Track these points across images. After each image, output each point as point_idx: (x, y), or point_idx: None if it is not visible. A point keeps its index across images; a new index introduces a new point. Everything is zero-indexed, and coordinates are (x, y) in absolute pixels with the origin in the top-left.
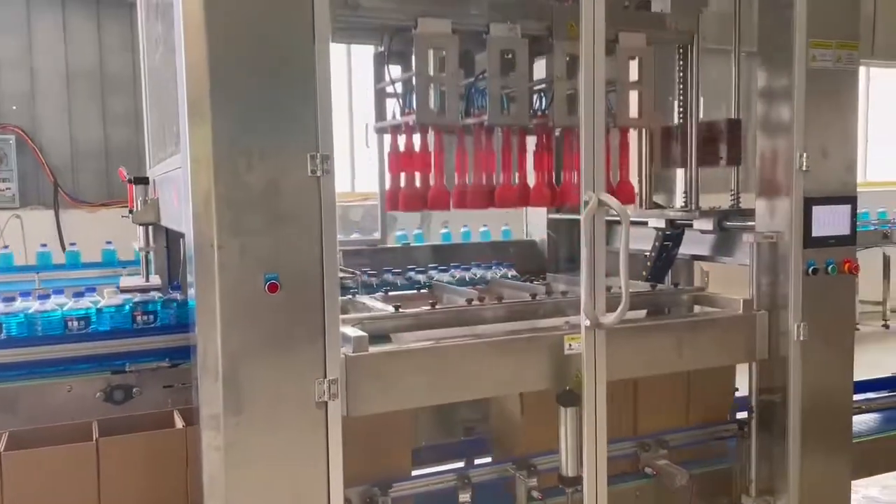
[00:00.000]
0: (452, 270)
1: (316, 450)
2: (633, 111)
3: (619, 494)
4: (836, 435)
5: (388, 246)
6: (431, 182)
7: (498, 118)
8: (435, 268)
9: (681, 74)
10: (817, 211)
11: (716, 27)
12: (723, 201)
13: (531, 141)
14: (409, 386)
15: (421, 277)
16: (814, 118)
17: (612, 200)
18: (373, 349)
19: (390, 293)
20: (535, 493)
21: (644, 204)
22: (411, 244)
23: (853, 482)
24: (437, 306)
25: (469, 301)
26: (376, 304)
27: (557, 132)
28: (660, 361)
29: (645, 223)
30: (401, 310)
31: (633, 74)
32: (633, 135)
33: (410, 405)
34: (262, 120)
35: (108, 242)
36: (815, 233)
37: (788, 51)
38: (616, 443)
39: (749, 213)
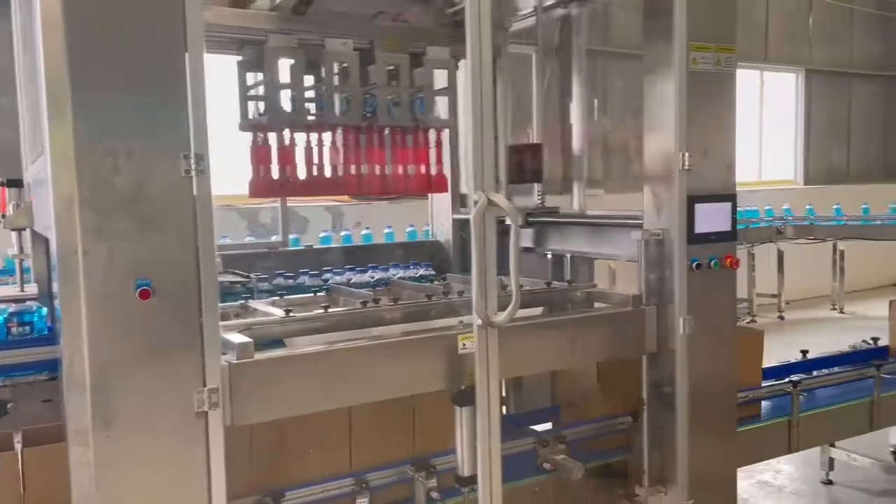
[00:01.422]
0: (351, 273)
1: (196, 462)
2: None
3: (518, 491)
4: (722, 423)
5: (293, 248)
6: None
7: (334, 118)
8: (340, 271)
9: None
10: (699, 208)
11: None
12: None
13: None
14: (298, 392)
15: (323, 279)
16: (695, 119)
17: (501, 200)
18: (259, 355)
19: (287, 297)
20: (434, 494)
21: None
22: (314, 246)
23: (748, 468)
24: (330, 309)
25: (364, 303)
26: (269, 309)
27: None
28: (552, 358)
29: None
30: (292, 314)
31: (441, 82)
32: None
33: (300, 412)
34: (129, 118)
35: None
36: (698, 229)
37: (670, 53)
38: (515, 440)
39: (553, 211)
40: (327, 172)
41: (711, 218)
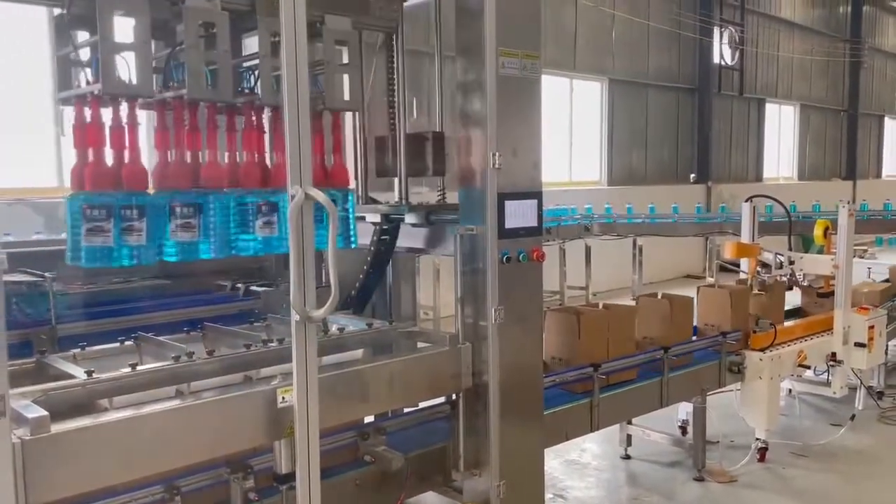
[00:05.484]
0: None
1: None
2: (344, 94)
3: (339, 485)
4: (530, 408)
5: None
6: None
7: (198, 92)
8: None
9: (391, 66)
10: (509, 205)
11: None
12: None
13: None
14: (106, 464)
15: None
16: (504, 121)
17: (318, 195)
18: (56, 427)
19: (88, 348)
20: (251, 495)
21: (360, 199)
22: None
23: (557, 449)
24: (139, 367)
25: (176, 358)
26: (68, 368)
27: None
28: (372, 403)
29: (363, 218)
30: (95, 374)
31: (342, 58)
32: (345, 118)
33: (109, 483)
34: None
35: None
36: (508, 225)
37: (481, 58)
38: (336, 434)
39: (454, 208)
40: (187, 159)
41: (520, 214)
